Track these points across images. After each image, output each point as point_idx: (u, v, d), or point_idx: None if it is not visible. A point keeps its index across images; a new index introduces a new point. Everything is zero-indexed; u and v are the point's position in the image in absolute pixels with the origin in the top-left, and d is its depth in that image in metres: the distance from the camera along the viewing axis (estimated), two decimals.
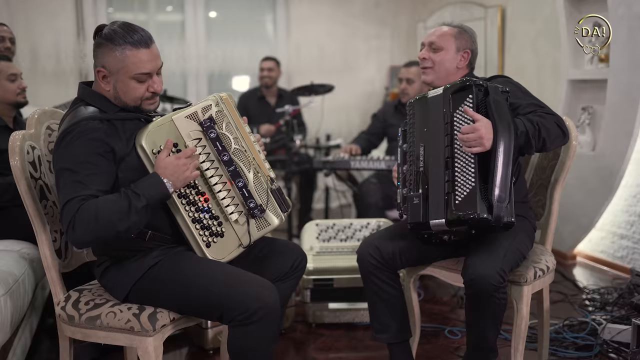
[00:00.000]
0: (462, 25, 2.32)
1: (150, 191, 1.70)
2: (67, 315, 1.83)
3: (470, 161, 1.94)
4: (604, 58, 3.62)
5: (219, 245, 1.86)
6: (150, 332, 1.74)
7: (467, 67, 2.30)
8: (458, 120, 2.00)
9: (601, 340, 2.61)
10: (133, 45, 1.76)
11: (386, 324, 2.27)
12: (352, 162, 3.63)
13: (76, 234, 1.63)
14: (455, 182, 1.94)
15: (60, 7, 5.10)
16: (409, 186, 2.11)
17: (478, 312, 2.00)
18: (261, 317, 1.70)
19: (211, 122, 1.85)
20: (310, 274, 2.85)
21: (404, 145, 2.19)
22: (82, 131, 1.71)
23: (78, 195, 1.65)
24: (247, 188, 1.88)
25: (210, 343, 2.62)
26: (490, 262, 1.94)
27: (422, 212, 2.02)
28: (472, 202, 1.89)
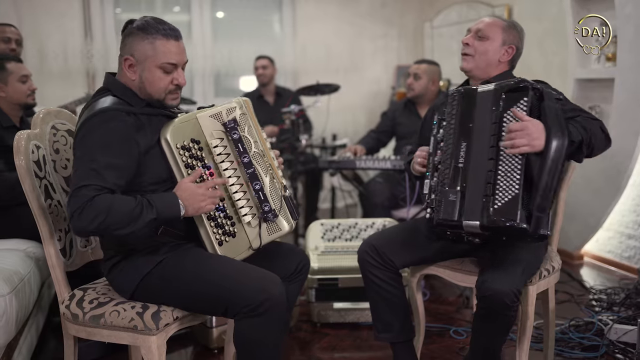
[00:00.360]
0: (513, 21, 2.25)
1: (163, 207, 1.72)
2: (71, 313, 1.83)
3: (517, 166, 1.85)
4: (611, 57, 3.60)
5: (230, 244, 1.88)
6: (154, 331, 1.74)
7: (508, 64, 2.23)
8: (507, 122, 1.91)
9: (607, 340, 2.60)
10: (164, 35, 1.81)
11: (388, 323, 2.26)
12: (358, 162, 3.63)
13: (82, 221, 1.63)
14: (496, 186, 1.86)
15: (68, 7, 5.12)
16: (443, 179, 2.01)
17: (487, 324, 1.98)
18: (267, 309, 1.71)
19: (235, 123, 1.89)
20: (315, 273, 2.85)
21: (438, 135, 2.10)
22: (109, 119, 1.74)
23: (94, 184, 1.66)
24: (263, 191, 1.91)
25: (215, 342, 2.63)
26: (508, 279, 1.89)
27: (458, 211, 1.94)
28: (512, 210, 1.81)
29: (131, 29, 1.83)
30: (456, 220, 1.94)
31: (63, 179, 2.02)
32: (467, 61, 2.23)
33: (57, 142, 2.02)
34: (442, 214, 1.98)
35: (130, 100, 1.83)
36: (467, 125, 2.02)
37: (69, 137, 2.08)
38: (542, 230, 1.82)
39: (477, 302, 1.98)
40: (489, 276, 1.92)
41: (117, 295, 1.87)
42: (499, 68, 2.21)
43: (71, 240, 1.99)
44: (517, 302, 1.91)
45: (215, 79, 5.68)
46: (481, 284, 1.93)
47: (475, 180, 1.93)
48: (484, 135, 1.95)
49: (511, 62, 2.24)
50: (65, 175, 2.03)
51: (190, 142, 1.83)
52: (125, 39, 1.84)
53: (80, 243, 2.04)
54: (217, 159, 1.87)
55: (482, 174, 1.91)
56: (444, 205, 1.98)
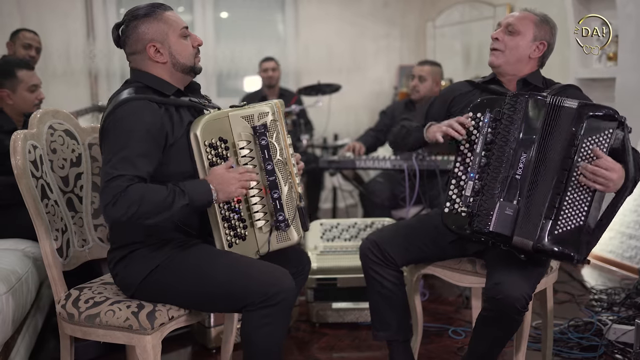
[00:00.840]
0: (546, 16, 2.17)
1: (195, 193, 1.73)
2: (67, 313, 1.84)
3: (587, 197, 1.82)
4: (613, 56, 3.59)
5: (239, 247, 1.89)
6: (149, 330, 1.74)
7: (538, 61, 2.17)
8: (585, 148, 1.84)
9: (606, 340, 2.59)
10: (164, 9, 1.86)
11: (386, 322, 2.25)
12: (358, 162, 3.63)
13: (116, 211, 1.64)
14: (561, 211, 1.83)
15: (71, 7, 5.13)
16: (493, 187, 1.95)
17: (492, 327, 1.96)
18: (279, 300, 1.73)
19: (264, 129, 1.89)
20: (314, 273, 2.85)
21: (489, 135, 1.99)
22: (138, 107, 1.75)
23: (127, 173, 1.67)
24: (280, 200, 1.91)
25: (213, 342, 2.63)
26: (522, 284, 1.87)
27: (511, 227, 1.91)
28: (573, 240, 1.81)
29: (131, 23, 1.83)
30: (507, 235, 1.91)
31: (60, 179, 2.03)
32: (496, 56, 2.16)
33: (55, 142, 2.03)
34: (492, 226, 1.91)
35: (161, 87, 1.84)
36: (530, 137, 1.95)
37: (67, 137, 2.09)
38: (584, 258, 1.83)
39: (485, 303, 1.96)
40: (502, 279, 1.88)
41: (113, 294, 1.88)
42: (529, 65, 2.16)
43: (68, 240, 2.00)
44: (527, 308, 1.89)
45: (217, 79, 5.68)
46: (493, 286, 1.90)
47: (532, 198, 1.90)
48: (555, 153, 1.90)
49: (541, 59, 2.17)
50: (63, 175, 2.04)
51: (218, 140, 1.84)
52: (132, 35, 1.84)
53: (77, 243, 2.05)
54: (242, 160, 1.87)
55: (543, 193, 1.88)
56: (497, 217, 1.91)
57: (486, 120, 2.01)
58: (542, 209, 1.86)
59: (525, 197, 1.91)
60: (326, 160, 3.72)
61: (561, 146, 1.88)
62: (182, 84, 1.92)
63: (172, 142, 1.79)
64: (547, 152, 1.91)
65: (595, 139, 1.85)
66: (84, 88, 5.19)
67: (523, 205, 1.91)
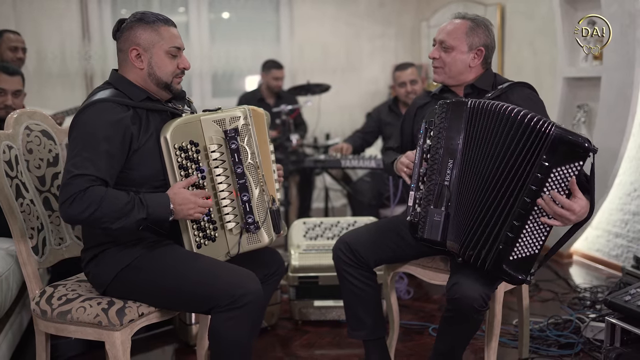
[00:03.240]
0: (476, 19, 2.18)
1: (154, 208, 1.76)
2: (40, 310, 1.88)
3: (545, 230, 1.82)
4: (598, 56, 3.60)
5: (208, 248, 1.92)
6: (118, 327, 1.78)
7: (481, 66, 2.20)
8: (554, 179, 1.76)
9: (584, 338, 2.60)
10: (165, 22, 1.90)
11: (361, 321, 2.28)
12: (344, 161, 3.65)
13: (72, 210, 1.68)
14: (518, 239, 1.82)
15: (66, 8, 5.19)
16: (428, 195, 1.99)
17: (453, 326, 2.00)
18: (245, 303, 1.75)
19: (235, 133, 1.91)
20: (295, 271, 2.88)
21: (425, 145, 2.03)
22: (106, 109, 1.78)
23: (88, 173, 1.70)
24: (250, 203, 1.94)
25: (195, 339, 2.66)
26: (478, 284, 1.90)
27: (442, 233, 1.97)
28: (526, 266, 1.85)
29: (130, 23, 1.88)
30: (441, 241, 1.98)
31: (37, 179, 2.06)
32: (438, 73, 2.22)
33: (31, 142, 2.07)
34: (426, 233, 2.00)
35: (130, 92, 1.87)
36: (455, 142, 1.97)
37: (43, 137, 2.13)
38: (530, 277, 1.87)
39: (446, 304, 1.99)
40: (460, 279, 1.92)
41: (87, 291, 1.92)
42: (472, 72, 2.20)
43: (44, 239, 2.03)
44: (486, 307, 1.92)
45: (212, 80, 5.72)
46: (451, 286, 1.93)
47: (461, 203, 1.93)
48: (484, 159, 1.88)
49: (484, 62, 2.20)
50: (39, 175, 2.08)
51: (188, 143, 1.86)
52: (127, 32, 1.88)
53: (54, 241, 2.08)
54: (212, 163, 1.90)
55: (473, 199, 1.89)
56: (428, 224, 1.99)
57: (422, 132, 2.05)
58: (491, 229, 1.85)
59: (454, 203, 1.95)
60: (312, 160, 3.75)
61: (520, 168, 1.80)
62: (158, 94, 1.94)
63: (136, 148, 1.82)
64: (473, 159, 1.91)
65: (563, 170, 1.75)
66: (79, 89, 5.24)
67: (453, 211, 1.95)
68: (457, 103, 1.99)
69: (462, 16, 2.20)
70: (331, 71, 5.81)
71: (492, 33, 2.21)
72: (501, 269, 1.85)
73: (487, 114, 1.90)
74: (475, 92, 2.20)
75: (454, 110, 1.99)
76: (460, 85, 2.23)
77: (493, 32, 2.22)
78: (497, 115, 1.87)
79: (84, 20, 5.25)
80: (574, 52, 3.80)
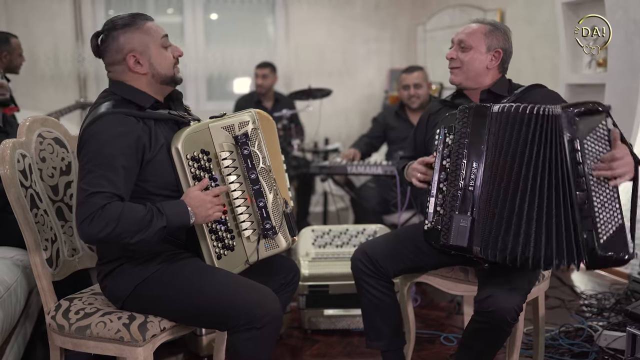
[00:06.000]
0: (495, 23, 2.19)
1: (173, 215, 1.71)
2: (57, 324, 1.82)
3: (614, 196, 1.76)
4: (602, 62, 3.61)
5: (228, 258, 1.87)
6: (140, 342, 1.73)
7: (498, 69, 2.18)
8: (590, 147, 1.78)
9: (597, 347, 2.60)
10: (145, 19, 1.83)
11: (380, 331, 2.25)
12: (349, 167, 3.62)
13: (92, 229, 1.62)
14: (596, 219, 1.73)
15: (59, 10, 5.09)
16: (452, 200, 1.96)
17: (481, 339, 1.96)
18: (265, 323, 1.70)
19: (246, 138, 1.88)
20: (305, 280, 2.84)
21: (445, 150, 2.01)
22: (116, 122, 1.71)
23: (105, 190, 1.64)
24: (266, 209, 1.90)
25: (205, 350, 2.62)
26: (513, 296, 1.86)
27: (468, 238, 1.92)
28: (622, 241, 1.73)
29: (116, 32, 1.79)
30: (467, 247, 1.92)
31: (50, 188, 2.00)
32: (455, 74, 2.19)
33: (44, 150, 2.01)
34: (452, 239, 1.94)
35: (137, 99, 1.81)
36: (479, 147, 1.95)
37: (56, 145, 2.07)
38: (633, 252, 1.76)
39: (475, 314, 1.95)
40: (493, 291, 1.88)
41: (104, 305, 1.86)
42: (490, 75, 2.18)
43: (57, 250, 1.98)
44: (517, 320, 1.89)
45: (208, 82, 5.66)
46: (484, 299, 1.89)
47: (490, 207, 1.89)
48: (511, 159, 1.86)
49: (501, 65, 2.19)
50: (52, 184, 2.02)
51: (200, 152, 1.81)
52: (111, 46, 1.80)
53: (67, 252, 2.03)
54: (225, 171, 1.86)
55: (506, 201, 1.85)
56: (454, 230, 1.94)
57: (441, 137, 2.04)
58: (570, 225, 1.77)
59: (482, 207, 1.91)
60: (317, 166, 3.71)
61: (520, 151, 1.84)
62: (162, 95, 1.90)
63: (149, 159, 1.76)
64: (500, 160, 1.89)
65: (592, 136, 1.79)
66: (72, 91, 5.16)
67: (479, 216, 1.91)
68: (480, 107, 1.98)
69: (481, 20, 2.20)
70: (327, 74, 5.78)
71: (510, 40, 2.20)
72: (598, 257, 1.74)
73: (509, 117, 1.90)
74: (492, 98, 2.17)
75: (476, 115, 1.97)
76: (476, 90, 2.20)
77: (511, 39, 2.20)
78: (518, 116, 1.88)
79: (77, 21, 5.16)
80: (576, 58, 3.81)
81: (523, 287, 1.94)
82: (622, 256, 1.74)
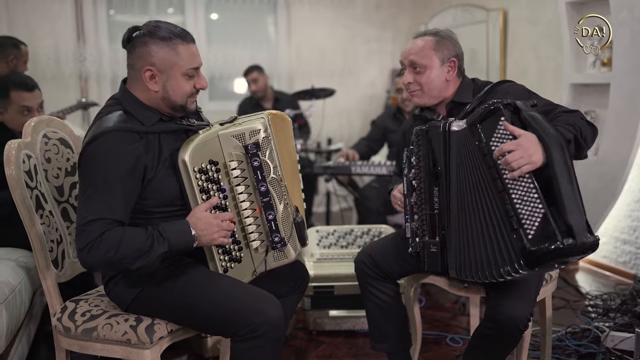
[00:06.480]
0: (438, 32, 2.10)
1: (176, 239, 1.66)
2: (63, 326, 1.80)
3: (529, 186, 1.68)
4: (607, 62, 3.60)
5: (235, 270, 1.84)
6: (148, 345, 1.71)
7: (457, 76, 2.12)
8: (497, 147, 1.76)
9: (604, 348, 2.58)
10: (182, 39, 1.71)
11: (385, 333, 2.23)
12: (353, 168, 3.61)
13: (92, 257, 1.58)
14: (520, 215, 1.68)
15: (60, 10, 5.07)
16: (422, 226, 1.96)
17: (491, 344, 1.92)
18: (264, 332, 1.67)
19: (256, 148, 1.79)
20: (310, 281, 2.79)
21: (410, 174, 2.00)
22: (116, 142, 1.64)
23: (104, 217, 1.60)
24: (275, 221, 1.84)
25: (210, 351, 2.60)
26: (523, 303, 1.83)
27: (440, 263, 1.91)
28: (549, 231, 1.63)
29: (144, 37, 1.69)
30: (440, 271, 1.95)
31: (55, 189, 1.99)
32: (417, 96, 2.12)
33: (49, 151, 1.99)
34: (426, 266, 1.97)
35: (141, 116, 1.73)
36: (437, 169, 1.93)
37: (61, 146, 2.05)
38: (589, 238, 1.64)
39: (486, 321, 1.92)
40: (502, 300, 1.85)
41: (110, 307, 1.84)
42: (451, 85, 2.11)
43: (63, 251, 1.96)
44: (529, 326, 1.87)
45: (209, 82, 5.57)
46: (495, 307, 1.86)
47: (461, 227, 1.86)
48: (473, 174, 1.84)
49: (459, 71, 2.13)
50: (57, 185, 2.00)
51: (208, 163, 1.75)
52: (140, 49, 1.70)
53: (72, 254, 2.01)
54: (233, 181, 1.80)
55: (475, 217, 1.82)
56: (426, 256, 1.95)
57: (405, 162, 2.02)
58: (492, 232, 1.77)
59: (451, 229, 1.89)
60: (321, 166, 3.70)
61: (479, 164, 1.81)
62: (169, 113, 1.81)
63: (151, 177, 1.70)
64: (460, 178, 1.87)
65: (496, 133, 1.77)
66: (74, 91, 5.14)
67: (451, 238, 1.89)
68: (432, 128, 1.96)
69: (422, 34, 2.12)
70: (329, 74, 5.77)
71: (457, 40, 2.14)
72: (535, 255, 1.64)
73: (453, 136, 1.90)
74: (458, 106, 2.12)
75: (430, 136, 1.96)
76: (441, 102, 2.15)
77: (457, 39, 2.14)
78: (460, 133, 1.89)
79: (78, 21, 5.15)
80: (580, 58, 3.80)
81: (531, 291, 1.92)
82: (557, 245, 1.60)
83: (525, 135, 1.71)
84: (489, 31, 4.82)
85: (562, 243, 1.60)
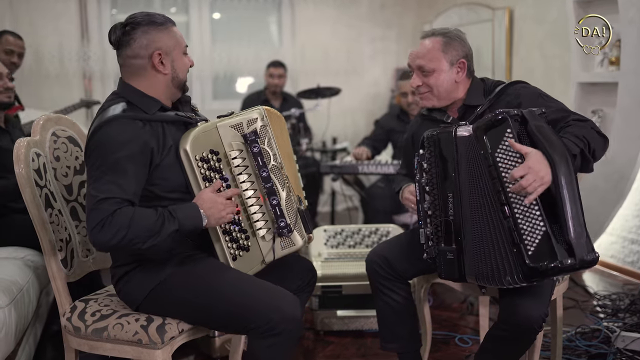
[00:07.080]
0: (446, 32, 2.07)
1: (185, 218, 1.67)
2: (73, 326, 1.79)
3: (532, 203, 1.68)
4: (615, 61, 3.58)
5: (243, 259, 1.83)
6: (159, 345, 1.70)
7: (467, 77, 2.10)
8: (502, 160, 1.75)
9: (615, 349, 2.57)
10: (172, 23, 1.82)
11: (396, 334, 2.22)
12: (360, 167, 3.60)
13: (103, 236, 1.59)
14: (521, 231, 1.69)
15: (64, 8, 5.06)
16: (437, 232, 1.93)
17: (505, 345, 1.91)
18: (282, 330, 1.66)
19: (255, 136, 1.84)
20: (318, 280, 2.76)
21: (423, 180, 1.97)
22: (125, 126, 1.68)
23: (114, 196, 1.61)
24: (280, 207, 1.86)
25: (218, 351, 2.58)
26: (538, 304, 1.81)
27: (458, 270, 1.88)
28: (549, 249, 1.65)
29: (142, 27, 1.75)
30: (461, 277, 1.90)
31: (64, 187, 1.97)
32: (426, 99, 2.10)
33: (58, 149, 1.98)
34: (443, 273, 1.94)
35: (143, 105, 1.77)
36: (450, 175, 1.90)
37: (70, 144, 2.04)
38: (588, 256, 1.66)
39: (500, 323, 1.90)
40: (517, 300, 1.83)
41: (120, 307, 1.83)
42: (461, 87, 2.09)
43: (72, 251, 1.94)
44: (543, 327, 1.85)
45: (213, 82, 5.63)
46: (510, 308, 1.84)
47: (476, 234, 1.84)
48: (479, 182, 1.82)
49: (469, 72, 2.10)
50: (66, 184, 1.99)
51: (209, 153, 1.77)
52: (140, 39, 1.75)
53: (81, 253, 1.99)
54: (235, 170, 1.82)
55: (487, 225, 1.80)
56: (442, 264, 1.92)
57: (416, 166, 2.00)
58: (496, 240, 1.77)
59: (465, 236, 1.86)
60: (328, 165, 3.69)
61: (483, 173, 1.80)
62: (171, 100, 1.87)
63: (157, 162, 1.72)
64: (471, 184, 1.85)
65: (502, 145, 1.75)
66: (77, 90, 5.12)
67: (467, 245, 1.86)
68: (442, 133, 1.93)
69: (430, 34, 2.10)
70: (333, 74, 5.75)
71: (466, 40, 2.11)
72: (534, 271, 1.67)
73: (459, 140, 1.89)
74: (470, 111, 2.09)
75: (441, 141, 1.93)
76: (452, 104, 2.13)
77: (466, 39, 2.11)
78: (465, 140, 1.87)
79: (82, 20, 5.13)
80: (588, 57, 3.78)
81: (545, 292, 1.90)
82: (556, 264, 1.63)
83: (532, 155, 1.69)
84: (494, 30, 4.80)
85: (561, 263, 1.63)
